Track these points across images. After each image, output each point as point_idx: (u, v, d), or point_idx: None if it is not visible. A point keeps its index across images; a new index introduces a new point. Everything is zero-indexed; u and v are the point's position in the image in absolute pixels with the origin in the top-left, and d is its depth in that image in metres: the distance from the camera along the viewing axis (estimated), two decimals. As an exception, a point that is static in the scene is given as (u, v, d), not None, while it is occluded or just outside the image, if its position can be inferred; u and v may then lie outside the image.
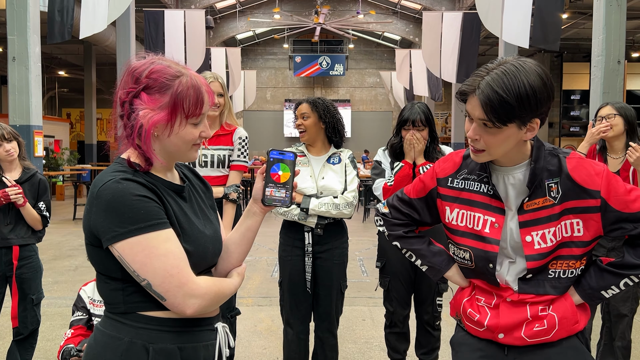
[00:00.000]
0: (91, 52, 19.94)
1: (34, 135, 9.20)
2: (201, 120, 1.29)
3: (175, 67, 1.27)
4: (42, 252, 7.39)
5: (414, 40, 22.84)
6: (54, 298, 5.06)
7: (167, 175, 1.33)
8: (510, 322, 1.49)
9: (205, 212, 1.40)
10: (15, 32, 8.99)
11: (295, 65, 26.44)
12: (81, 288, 2.88)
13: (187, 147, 1.29)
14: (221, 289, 1.28)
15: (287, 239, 2.86)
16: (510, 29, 8.35)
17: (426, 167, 2.89)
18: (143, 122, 1.22)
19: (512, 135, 1.38)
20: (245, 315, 4.35)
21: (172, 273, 1.17)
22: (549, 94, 1.36)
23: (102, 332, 1.25)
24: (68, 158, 18.32)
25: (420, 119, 2.87)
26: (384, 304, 3.02)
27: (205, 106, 1.28)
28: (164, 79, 1.24)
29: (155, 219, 1.19)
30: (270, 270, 6.17)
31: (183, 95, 1.23)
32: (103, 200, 1.18)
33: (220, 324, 1.35)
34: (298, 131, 2.87)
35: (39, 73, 9.35)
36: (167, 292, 1.18)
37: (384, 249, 2.97)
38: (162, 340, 1.22)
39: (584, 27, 16.99)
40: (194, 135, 1.28)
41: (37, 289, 3.07)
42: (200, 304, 1.20)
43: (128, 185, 1.19)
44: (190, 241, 1.27)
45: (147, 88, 1.23)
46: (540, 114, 1.37)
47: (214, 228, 1.38)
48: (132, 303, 1.23)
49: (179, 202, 1.31)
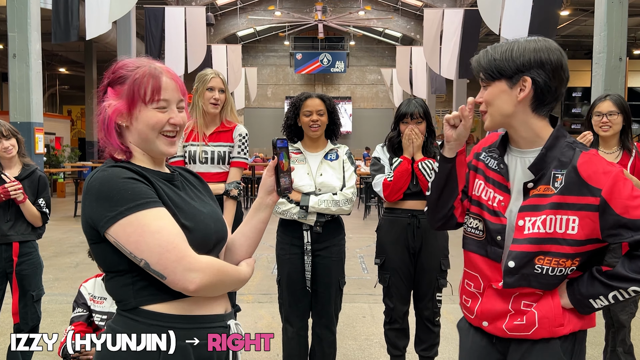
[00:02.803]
0: (92, 49, 19.93)
1: (34, 132, 9.20)
2: (168, 107, 1.30)
3: (141, 61, 1.31)
4: (43, 249, 7.40)
5: (415, 37, 22.81)
6: (55, 295, 5.07)
7: (156, 167, 1.34)
8: (493, 310, 1.49)
9: (202, 198, 1.40)
10: (16, 29, 8.98)
11: (296, 63, 26.41)
12: (82, 285, 2.89)
13: (154, 134, 1.28)
14: (224, 268, 1.26)
15: (285, 237, 2.86)
16: (509, 26, 8.34)
17: (425, 162, 2.89)
18: (108, 113, 1.27)
19: (504, 92, 1.43)
20: (245, 312, 4.36)
21: (167, 249, 1.16)
22: (542, 60, 1.40)
23: (114, 329, 1.25)
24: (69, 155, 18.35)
25: (419, 112, 2.90)
26: (383, 301, 3.02)
27: (165, 92, 1.28)
28: (125, 71, 1.29)
29: (143, 197, 1.19)
30: (271, 268, 6.18)
31: (139, 81, 1.26)
32: (93, 190, 1.20)
33: (233, 322, 1.34)
34: (311, 126, 2.80)
35: (40, 70, 9.35)
36: (165, 268, 1.16)
37: (383, 246, 2.97)
38: (175, 338, 1.22)
39: (585, 24, 16.95)
40: (158, 119, 1.28)
41: (37, 285, 3.08)
42: (202, 278, 1.18)
43: (114, 170, 1.22)
44: (189, 218, 1.27)
45: (111, 83, 1.30)
46: (532, 75, 1.40)
47: (212, 208, 1.38)
48: (142, 297, 1.22)
49: (171, 187, 1.31)
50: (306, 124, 2.81)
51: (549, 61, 1.39)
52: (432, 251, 2.92)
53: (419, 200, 2.91)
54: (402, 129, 2.94)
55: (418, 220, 2.90)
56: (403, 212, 2.93)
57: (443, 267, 2.94)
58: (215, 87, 2.98)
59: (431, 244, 2.91)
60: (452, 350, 3.72)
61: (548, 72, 1.39)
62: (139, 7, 12.95)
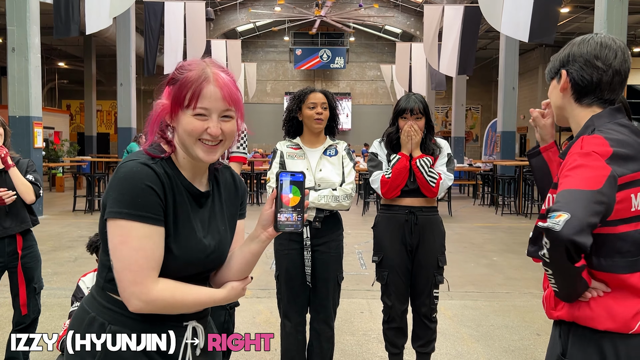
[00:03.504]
0: (91, 43, 19.90)
1: (33, 126, 9.19)
2: (209, 116, 1.27)
3: (199, 64, 1.30)
4: (42, 243, 7.39)
5: (414, 33, 22.78)
6: (54, 289, 5.08)
7: (195, 179, 1.34)
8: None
9: (218, 222, 1.38)
10: (15, 23, 8.96)
11: (295, 58, 26.37)
12: (80, 279, 2.90)
13: (191, 140, 1.27)
14: (180, 300, 1.26)
15: (283, 232, 2.85)
16: (510, 23, 8.33)
17: (423, 160, 2.87)
18: (156, 109, 1.31)
19: (554, 88, 1.57)
20: (244, 307, 4.36)
21: (132, 268, 1.21)
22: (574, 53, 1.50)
23: (80, 304, 1.36)
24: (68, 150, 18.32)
25: (418, 107, 2.87)
26: (381, 299, 3.01)
27: (203, 101, 1.25)
28: (180, 71, 1.30)
29: (147, 211, 1.22)
30: (269, 263, 6.18)
31: (182, 86, 1.26)
32: (117, 177, 1.24)
33: (193, 323, 1.34)
34: (315, 119, 2.80)
35: (39, 64, 9.33)
36: (120, 281, 1.22)
37: (381, 243, 2.96)
38: (122, 324, 1.27)
39: (585, 21, 16.94)
40: (194, 127, 1.26)
41: (39, 278, 3.12)
42: (141, 308, 1.23)
43: (142, 170, 1.24)
44: (179, 245, 1.28)
45: (169, 82, 1.32)
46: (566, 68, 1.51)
47: (219, 240, 1.36)
48: (109, 283, 1.28)
49: (190, 204, 1.32)
50: (310, 117, 2.80)
51: (579, 53, 1.49)
52: (430, 248, 2.91)
53: (416, 197, 2.90)
54: (400, 124, 2.92)
55: (416, 217, 2.89)
56: (400, 208, 2.91)
57: (440, 263, 2.93)
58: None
59: (429, 240, 2.90)
60: (449, 346, 3.74)
61: (580, 64, 1.48)
62: (138, 2, 12.91)
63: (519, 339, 3.89)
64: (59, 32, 9.70)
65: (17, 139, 9.34)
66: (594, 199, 1.25)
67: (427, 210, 2.93)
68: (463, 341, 3.81)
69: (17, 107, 9.04)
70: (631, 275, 1.33)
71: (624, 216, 1.32)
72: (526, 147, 23.76)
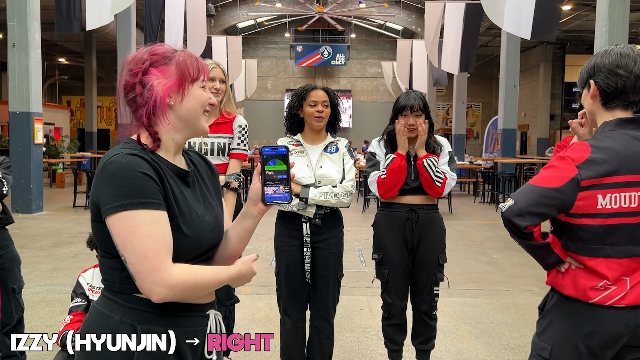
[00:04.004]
0: (91, 39, 19.87)
1: (33, 122, 9.19)
2: (206, 87, 1.38)
3: (172, 47, 1.38)
4: (42, 239, 7.42)
5: (416, 30, 22.74)
6: (54, 284, 5.08)
7: (175, 160, 1.36)
8: None
9: (208, 198, 1.40)
10: (15, 19, 8.95)
11: (296, 55, 26.34)
12: (80, 275, 2.89)
13: (199, 113, 1.35)
14: (201, 280, 1.25)
15: (284, 229, 2.86)
16: (513, 20, 8.31)
17: (430, 159, 2.85)
18: (158, 91, 1.30)
19: (586, 96, 1.74)
20: (244, 304, 4.37)
21: (147, 256, 1.18)
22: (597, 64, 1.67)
23: (95, 309, 1.29)
24: (68, 146, 18.33)
25: (418, 104, 2.86)
26: (381, 296, 3.01)
27: (205, 73, 1.37)
28: (166, 52, 1.34)
29: (148, 197, 1.21)
30: (269, 260, 6.18)
31: (186, 61, 1.33)
32: (106, 174, 1.21)
33: (212, 312, 1.36)
34: (316, 117, 2.80)
35: (39, 60, 9.32)
36: (137, 273, 1.19)
37: (381, 241, 2.95)
38: (151, 322, 1.24)
39: (587, 18, 16.90)
40: (205, 97, 1.36)
41: (17, 277, 2.99)
42: (166, 294, 1.19)
43: (132, 159, 1.23)
44: (188, 225, 1.28)
45: (153, 63, 1.32)
46: (594, 78, 1.68)
47: (215, 215, 1.39)
48: (126, 284, 1.24)
49: (180, 186, 1.32)
50: (311, 115, 2.80)
51: (603, 64, 1.67)
52: (431, 245, 2.90)
53: (417, 195, 2.89)
54: (400, 122, 2.91)
55: (417, 215, 2.87)
56: (401, 206, 2.90)
57: (441, 261, 2.92)
58: (216, 77, 2.99)
59: (430, 238, 2.89)
60: (448, 343, 3.74)
61: (605, 73, 1.66)
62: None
63: (518, 337, 3.89)
64: (60, 29, 9.69)
65: (17, 135, 9.34)
66: (546, 194, 1.58)
67: (428, 208, 2.92)
68: (463, 338, 3.81)
69: (18, 103, 9.03)
70: (590, 259, 1.62)
71: (587, 211, 1.58)
72: (527, 145, 23.74)
